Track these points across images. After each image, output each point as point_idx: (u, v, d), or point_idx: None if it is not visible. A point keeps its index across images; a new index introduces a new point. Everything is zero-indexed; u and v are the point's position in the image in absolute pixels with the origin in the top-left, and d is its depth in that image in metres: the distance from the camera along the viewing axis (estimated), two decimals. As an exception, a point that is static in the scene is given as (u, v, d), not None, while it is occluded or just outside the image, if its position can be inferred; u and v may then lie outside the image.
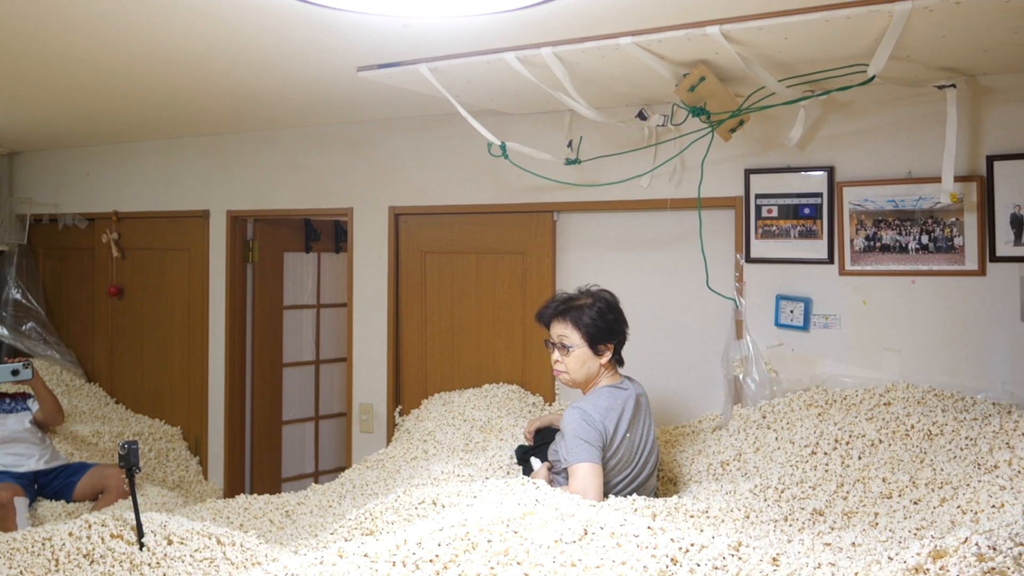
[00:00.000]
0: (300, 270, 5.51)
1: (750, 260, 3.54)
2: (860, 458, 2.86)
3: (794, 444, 3.05)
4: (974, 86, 3.14)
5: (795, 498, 2.71)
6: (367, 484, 3.73)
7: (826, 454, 2.93)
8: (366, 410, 4.57)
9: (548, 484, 2.89)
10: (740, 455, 3.17)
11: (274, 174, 4.90)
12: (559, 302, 3.14)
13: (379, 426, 4.53)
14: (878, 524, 2.49)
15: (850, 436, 2.97)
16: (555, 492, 2.69)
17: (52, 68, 3.33)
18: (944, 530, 2.26)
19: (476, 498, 2.72)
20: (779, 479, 2.82)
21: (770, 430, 3.24)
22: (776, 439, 3.15)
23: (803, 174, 3.43)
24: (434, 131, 4.36)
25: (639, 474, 3.01)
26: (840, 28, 2.52)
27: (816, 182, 3.40)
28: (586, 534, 2.06)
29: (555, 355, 3.09)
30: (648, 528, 2.06)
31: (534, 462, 3.25)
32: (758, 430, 3.28)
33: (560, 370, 3.09)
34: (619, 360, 3.12)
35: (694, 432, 3.61)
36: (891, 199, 3.26)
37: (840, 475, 2.79)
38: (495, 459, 3.50)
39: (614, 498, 2.80)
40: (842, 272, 3.37)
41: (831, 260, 3.39)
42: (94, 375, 5.74)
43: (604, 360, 3.05)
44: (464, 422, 3.92)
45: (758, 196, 3.51)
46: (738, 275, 3.56)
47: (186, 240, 5.25)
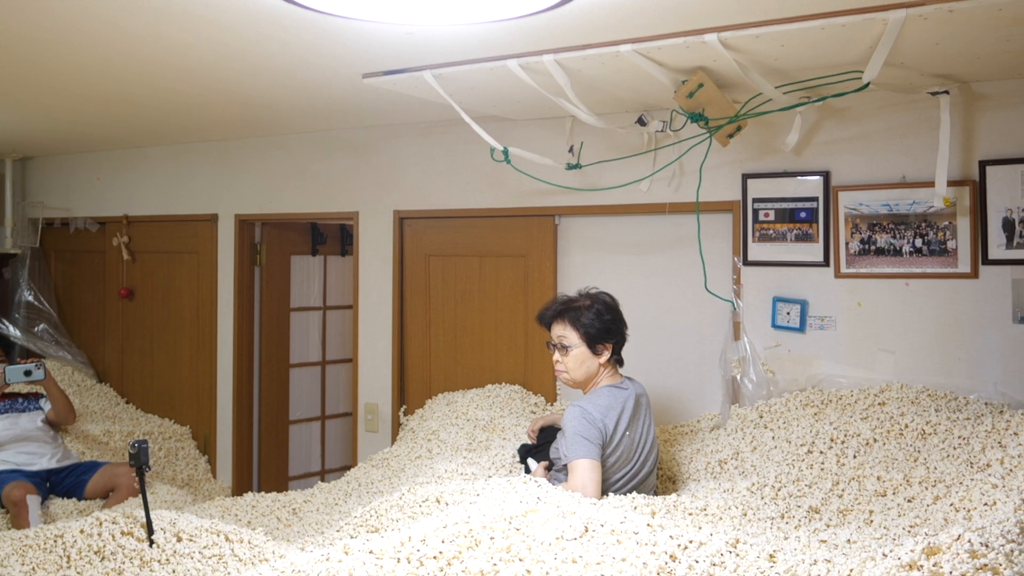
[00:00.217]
0: (307, 273, 5.52)
1: (747, 263, 3.54)
2: (855, 457, 2.86)
3: (790, 443, 3.05)
4: (967, 92, 3.14)
5: (791, 496, 2.71)
6: (372, 482, 3.74)
7: (822, 453, 2.93)
8: (371, 410, 4.57)
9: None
10: (738, 454, 3.17)
11: (281, 179, 4.91)
12: (559, 304, 3.15)
13: (384, 426, 4.53)
14: (873, 521, 2.49)
15: (845, 435, 2.97)
16: (556, 490, 2.69)
17: (63, 76, 3.33)
18: (937, 527, 2.26)
19: (479, 496, 2.72)
20: (776, 477, 2.82)
21: (767, 429, 3.24)
22: (773, 438, 3.15)
23: (799, 178, 3.43)
24: (438, 136, 4.36)
25: (639, 472, 3.01)
26: (835, 36, 2.52)
27: (812, 186, 3.41)
28: (587, 531, 2.06)
29: (556, 355, 3.11)
30: (648, 525, 2.06)
31: (531, 463, 3.25)
32: (755, 429, 3.28)
33: (560, 370, 3.10)
34: (619, 360, 3.13)
35: (693, 431, 3.61)
36: (885, 203, 3.26)
37: (836, 473, 2.79)
38: (498, 458, 3.50)
39: (614, 496, 2.80)
40: (837, 275, 3.37)
41: (827, 263, 3.39)
42: (105, 375, 5.74)
43: (603, 360, 3.06)
44: (467, 422, 3.92)
45: (755, 200, 3.51)
46: (736, 278, 3.57)
47: (195, 243, 5.25)
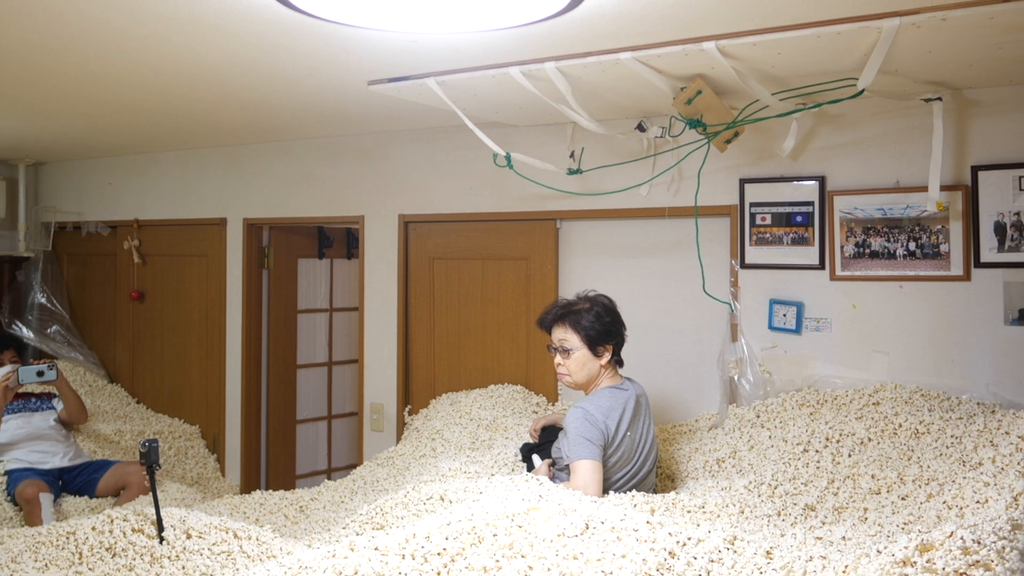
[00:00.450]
0: (313, 275, 5.52)
1: (745, 266, 3.54)
2: (850, 456, 2.86)
3: (787, 442, 3.05)
4: (959, 99, 3.14)
5: (788, 494, 2.71)
6: (377, 480, 3.74)
7: (817, 452, 2.93)
8: (377, 409, 4.57)
9: (550, 480, 2.90)
10: (735, 453, 3.17)
11: (288, 183, 4.91)
12: (559, 308, 3.14)
13: (389, 425, 4.53)
14: (867, 519, 2.48)
15: (840, 434, 2.97)
16: (558, 488, 2.69)
17: (76, 83, 3.34)
18: (931, 525, 2.26)
19: (482, 494, 2.72)
20: (772, 476, 2.82)
21: (764, 429, 3.24)
22: (770, 437, 3.14)
23: (795, 183, 3.44)
24: (442, 142, 4.37)
25: (639, 471, 3.01)
26: (831, 44, 2.52)
27: (808, 191, 3.41)
28: (587, 528, 2.06)
29: (557, 359, 3.09)
30: (647, 523, 2.06)
31: (535, 459, 3.25)
32: (752, 429, 3.27)
33: (563, 373, 3.09)
34: (619, 361, 3.13)
35: (691, 430, 3.61)
36: (880, 207, 3.26)
37: (831, 472, 2.78)
38: (500, 456, 3.50)
39: (614, 494, 2.80)
40: (833, 277, 3.37)
41: (822, 266, 3.39)
42: (116, 376, 5.74)
43: (604, 361, 3.05)
44: (471, 421, 3.92)
45: (752, 204, 3.52)
46: (733, 280, 3.57)
47: (204, 247, 5.26)
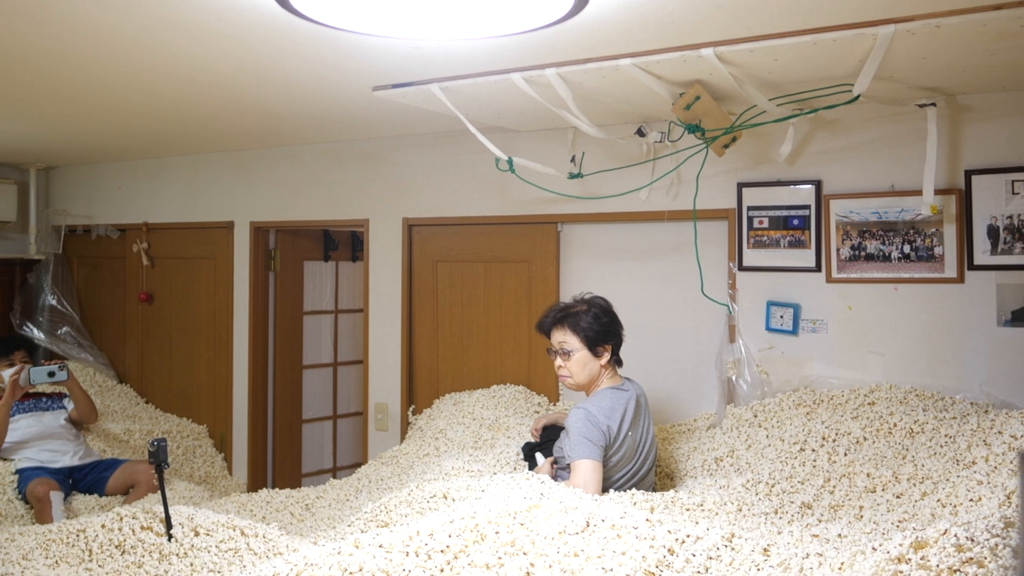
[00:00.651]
0: (319, 278, 5.52)
1: (742, 268, 3.54)
2: (846, 454, 2.86)
3: (784, 441, 3.05)
4: (953, 105, 3.14)
5: (785, 492, 2.71)
6: (382, 479, 3.74)
7: (814, 451, 2.93)
8: (381, 409, 4.57)
9: (551, 478, 2.90)
10: (733, 452, 3.17)
11: (295, 187, 4.92)
12: (557, 311, 3.13)
13: (393, 424, 4.53)
14: (863, 517, 2.48)
15: (836, 434, 2.97)
16: (559, 486, 2.69)
17: (86, 89, 3.35)
18: (925, 522, 2.26)
19: (484, 492, 2.72)
20: (770, 474, 2.82)
21: (761, 428, 3.24)
22: (767, 437, 3.14)
23: (792, 187, 3.44)
24: (445, 147, 4.37)
25: (639, 470, 3.01)
26: (827, 50, 2.52)
27: (804, 195, 3.41)
28: (588, 526, 2.06)
29: (558, 361, 3.09)
30: (647, 520, 2.07)
31: (538, 457, 3.25)
32: (750, 428, 3.27)
33: (564, 375, 3.08)
34: (618, 361, 3.13)
35: (690, 430, 3.61)
36: (875, 211, 3.26)
37: (827, 471, 2.78)
38: (502, 455, 3.50)
39: (614, 492, 2.80)
40: (829, 280, 3.37)
41: (819, 268, 3.39)
42: (125, 376, 5.75)
43: (603, 361, 3.05)
44: (473, 421, 3.93)
45: (750, 208, 3.52)
46: (731, 282, 3.57)
47: (212, 249, 5.26)
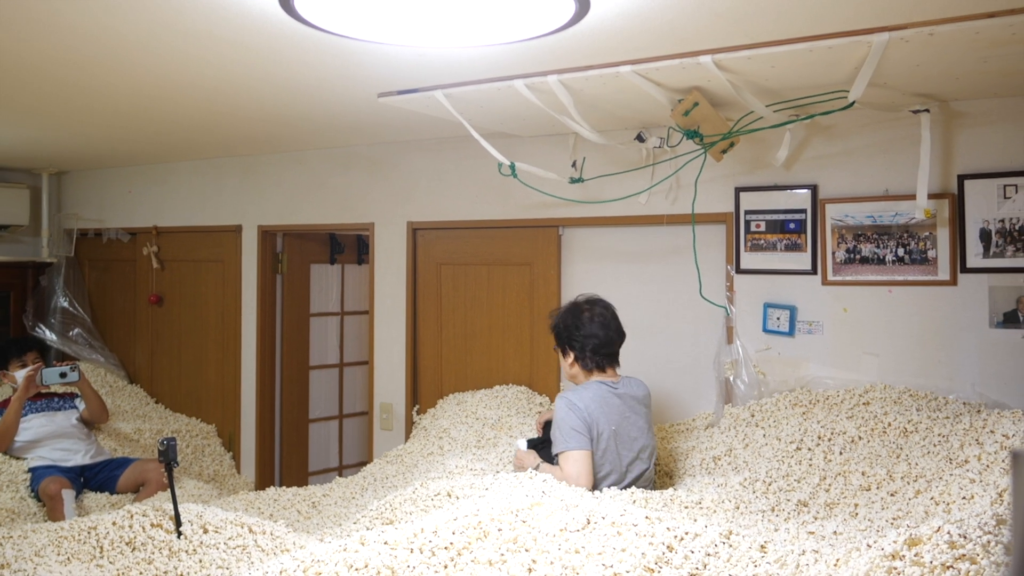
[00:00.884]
0: (325, 280, 5.53)
1: (740, 271, 3.54)
2: (841, 453, 2.86)
3: (780, 441, 3.05)
4: (946, 111, 3.14)
5: (781, 490, 2.71)
6: (387, 477, 3.74)
7: (810, 450, 2.93)
8: (386, 409, 4.58)
9: (533, 464, 2.99)
10: (731, 451, 3.17)
11: (301, 192, 4.93)
12: (553, 311, 3.24)
13: (398, 424, 4.53)
14: (858, 514, 2.49)
15: (832, 433, 2.97)
16: (560, 485, 2.70)
17: (97, 95, 3.35)
18: (919, 520, 2.26)
19: (487, 490, 2.72)
20: (767, 473, 2.82)
21: (758, 428, 3.24)
22: (764, 436, 3.14)
23: (789, 192, 3.44)
24: (449, 152, 4.38)
25: (627, 467, 2.97)
26: (823, 57, 2.53)
27: (801, 199, 3.41)
28: (589, 523, 2.07)
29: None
30: (646, 518, 2.07)
31: (520, 443, 3.17)
32: (747, 428, 3.27)
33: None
34: (599, 363, 3.04)
35: (688, 429, 3.61)
36: (870, 215, 3.26)
37: (823, 469, 2.79)
38: (505, 454, 3.50)
39: (615, 490, 2.80)
40: (824, 282, 3.37)
41: (814, 271, 3.39)
42: (136, 377, 5.76)
43: (569, 361, 3.07)
44: (476, 420, 3.93)
45: (747, 212, 3.52)
46: (729, 285, 3.57)
47: (220, 253, 5.27)
